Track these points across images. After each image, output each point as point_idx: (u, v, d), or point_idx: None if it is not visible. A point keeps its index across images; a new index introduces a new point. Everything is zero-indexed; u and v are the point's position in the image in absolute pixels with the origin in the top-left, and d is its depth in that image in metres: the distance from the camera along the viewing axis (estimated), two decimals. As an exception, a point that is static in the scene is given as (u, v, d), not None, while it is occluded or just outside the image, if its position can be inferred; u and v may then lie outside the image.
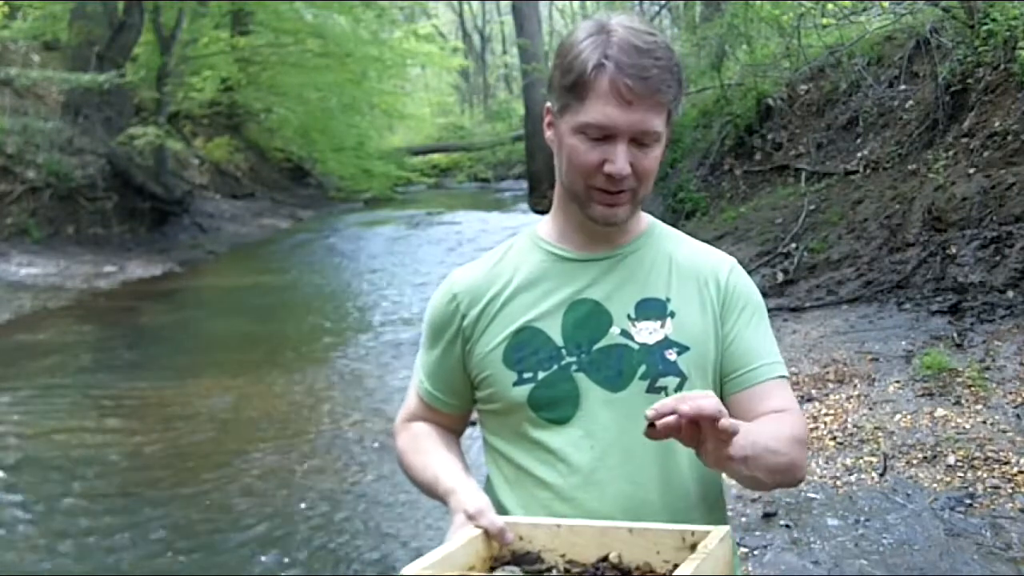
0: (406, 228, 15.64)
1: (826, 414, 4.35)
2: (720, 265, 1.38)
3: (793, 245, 6.98)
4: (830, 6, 8.90)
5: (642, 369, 1.29)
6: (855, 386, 4.58)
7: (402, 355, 7.20)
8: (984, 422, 4.02)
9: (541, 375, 1.30)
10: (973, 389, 4.31)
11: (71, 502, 4.51)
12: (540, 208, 15.11)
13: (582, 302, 1.33)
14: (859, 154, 7.90)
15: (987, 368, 4.48)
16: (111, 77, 12.04)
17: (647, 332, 1.31)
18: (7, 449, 5.25)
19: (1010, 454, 3.73)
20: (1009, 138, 6.10)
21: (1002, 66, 6.49)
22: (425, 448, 1.43)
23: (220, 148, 17.84)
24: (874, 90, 8.25)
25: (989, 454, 3.75)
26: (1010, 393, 4.23)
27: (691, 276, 1.35)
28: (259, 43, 17.37)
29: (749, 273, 1.43)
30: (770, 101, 9.46)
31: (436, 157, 27.66)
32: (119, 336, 8.41)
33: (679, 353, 1.30)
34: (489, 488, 1.38)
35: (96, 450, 5.23)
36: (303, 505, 4.40)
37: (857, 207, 7.00)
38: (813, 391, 4.60)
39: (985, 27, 6.44)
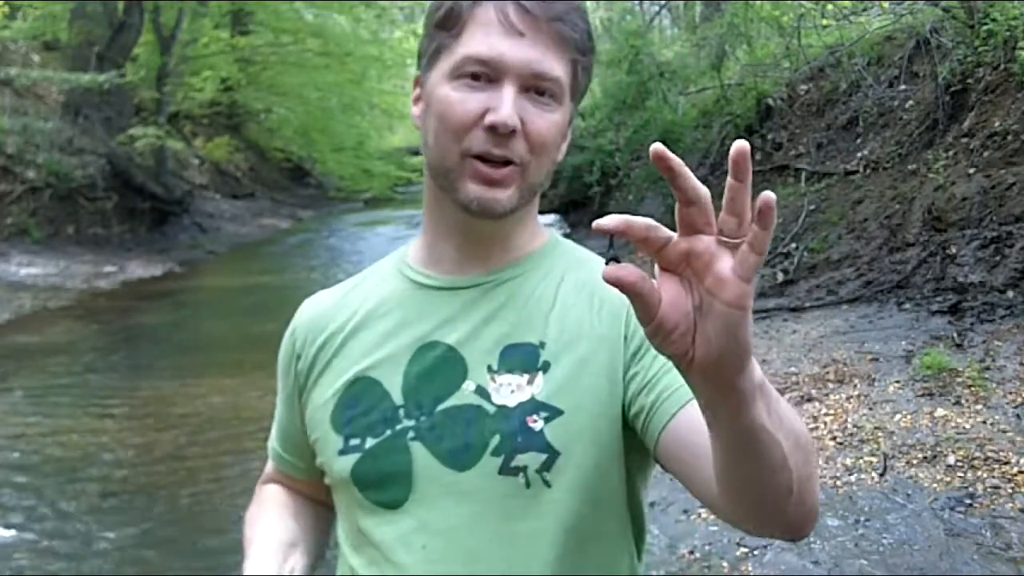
0: (406, 228, 15.64)
1: (826, 414, 4.35)
2: (622, 297, 0.93)
3: (793, 245, 6.98)
4: (830, 6, 8.90)
5: (495, 441, 0.94)
6: (855, 386, 4.58)
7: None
8: (984, 422, 4.02)
9: (370, 443, 0.99)
10: (973, 389, 4.31)
11: (71, 502, 4.51)
12: (540, 208, 15.07)
13: (431, 346, 1.00)
14: (859, 154, 7.90)
15: (987, 368, 4.48)
16: (111, 77, 12.04)
17: (508, 390, 0.96)
18: (7, 449, 5.25)
19: (1010, 454, 3.73)
20: (1009, 138, 6.10)
21: (1002, 66, 6.49)
22: (256, 518, 1.13)
23: (220, 148, 17.84)
24: (874, 90, 8.25)
25: (989, 454, 3.75)
26: (1010, 393, 4.23)
27: (582, 304, 1.00)
28: (259, 43, 17.36)
29: None
30: (770, 101, 9.46)
31: (436, 157, 27.61)
32: (119, 336, 8.40)
33: (547, 420, 0.94)
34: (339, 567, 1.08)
35: (96, 450, 5.23)
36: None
37: (857, 207, 7.00)
38: (813, 391, 4.60)
39: (985, 27, 6.44)
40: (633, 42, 11.76)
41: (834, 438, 4.10)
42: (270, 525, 1.09)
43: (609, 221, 0.62)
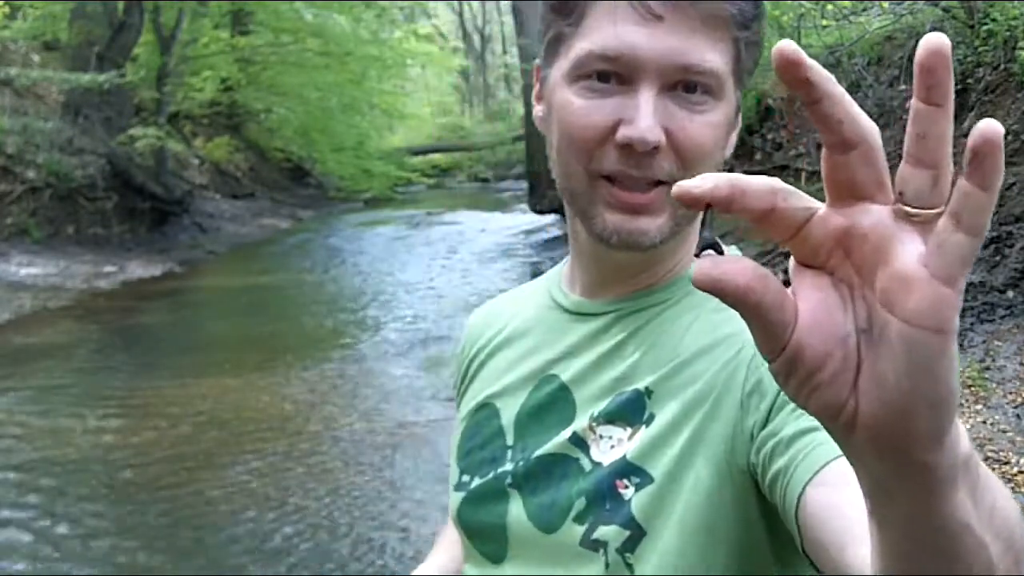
0: (406, 228, 15.63)
1: (826, 414, 4.34)
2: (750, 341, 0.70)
3: (793, 245, 6.98)
4: (830, 6, 8.90)
5: (579, 505, 0.78)
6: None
7: (402, 356, 7.21)
8: (984, 422, 4.02)
9: (475, 483, 0.88)
10: (973, 389, 4.30)
11: (71, 502, 4.51)
12: (540, 208, 15.10)
13: (549, 380, 0.86)
14: (859, 154, 7.90)
15: (987, 368, 4.48)
16: (111, 77, 12.03)
17: (608, 445, 0.79)
18: (7, 449, 5.25)
19: (1010, 454, 3.73)
20: (1009, 138, 6.10)
21: (1002, 66, 6.49)
22: (434, 549, 1.05)
23: (220, 148, 17.84)
24: (874, 90, 8.25)
25: (989, 454, 3.75)
26: (1010, 393, 4.23)
27: (706, 347, 0.78)
28: (259, 43, 17.36)
29: None
30: (770, 101, 9.46)
31: (436, 157, 27.65)
32: (119, 336, 8.40)
33: (638, 487, 0.76)
34: None
35: (96, 450, 5.23)
36: (303, 505, 4.40)
37: (857, 207, 7.01)
38: (813, 391, 4.59)
39: (985, 27, 6.45)
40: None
41: (834, 438, 4.10)
42: (433, 557, 1.02)
43: (701, 183, 0.38)
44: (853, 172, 0.38)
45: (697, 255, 0.40)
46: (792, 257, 0.41)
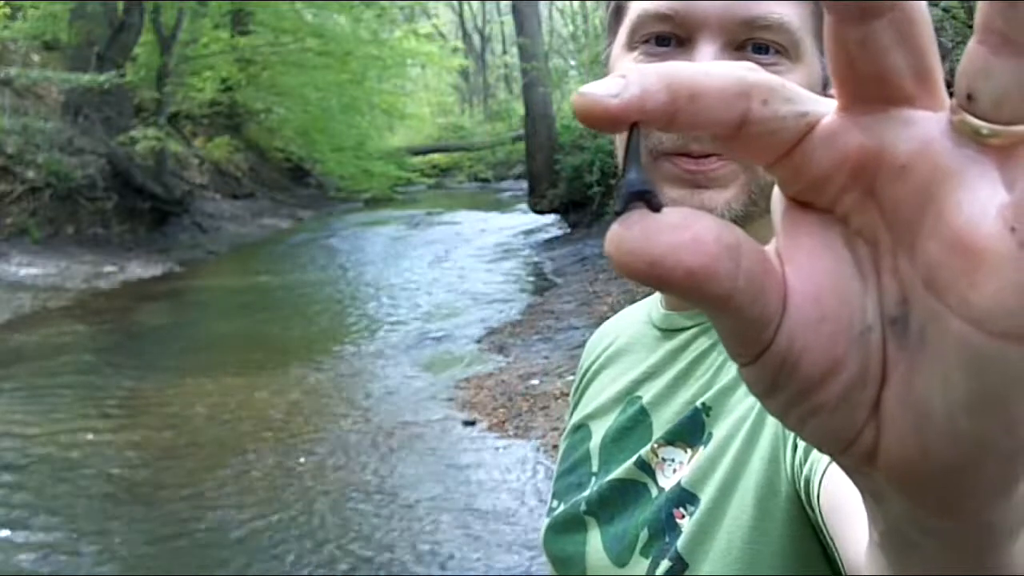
0: (406, 228, 15.64)
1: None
2: None
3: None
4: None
5: (643, 536, 0.73)
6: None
7: (402, 355, 7.21)
8: (984, 422, 4.02)
9: (560, 509, 0.83)
10: (973, 389, 4.31)
11: (71, 502, 4.51)
12: (540, 208, 15.10)
13: (633, 402, 0.81)
14: (859, 154, 7.90)
15: (987, 368, 4.48)
16: (111, 77, 12.03)
17: (671, 469, 0.73)
18: (7, 449, 5.25)
19: (1010, 454, 3.73)
20: (1009, 138, 6.11)
21: (1002, 66, 6.49)
22: None
23: (220, 148, 17.84)
24: (874, 90, 8.26)
25: (989, 454, 3.75)
26: (1010, 393, 4.23)
27: None
28: (259, 43, 17.37)
29: None
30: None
31: (436, 157, 27.66)
32: (119, 336, 8.41)
33: (692, 513, 0.69)
34: None
35: (96, 450, 5.23)
36: (302, 505, 4.40)
37: (857, 207, 7.01)
38: (813, 391, 4.60)
39: (985, 27, 6.45)
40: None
41: (834, 438, 4.10)
42: None
43: (619, 85, 0.22)
44: (881, 54, 0.22)
45: (618, 212, 0.23)
46: (778, 192, 0.26)
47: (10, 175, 11.92)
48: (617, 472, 0.77)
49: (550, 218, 13.58)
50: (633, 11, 0.70)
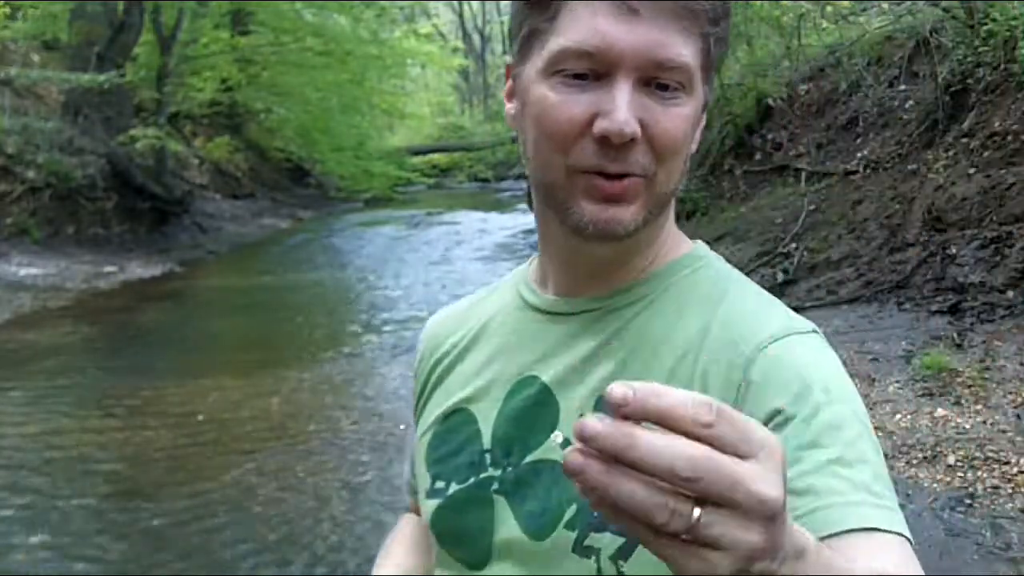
0: (406, 228, 15.63)
1: (826, 414, 4.34)
2: (745, 340, 0.76)
3: (793, 245, 6.98)
4: (830, 6, 8.90)
5: (570, 512, 0.78)
6: (855, 386, 4.58)
7: (402, 355, 7.20)
8: (984, 422, 4.02)
9: (453, 488, 0.86)
10: (973, 389, 4.31)
11: (71, 502, 4.51)
12: (540, 208, 15.08)
13: (528, 382, 0.85)
14: (859, 154, 7.90)
15: (987, 368, 4.48)
16: (111, 77, 12.04)
17: None
18: (7, 449, 5.25)
19: (1010, 454, 3.73)
20: (1009, 138, 6.10)
21: (1002, 66, 6.49)
22: (387, 551, 1.03)
23: (220, 148, 17.84)
24: (874, 90, 8.26)
25: (989, 454, 3.75)
26: (1010, 393, 4.23)
27: (688, 360, 0.78)
28: (259, 43, 17.37)
29: (747, 274, 0.86)
30: (770, 101, 9.46)
31: (436, 157, 27.66)
32: (119, 336, 8.41)
33: None
34: None
35: (96, 450, 5.23)
36: (302, 505, 4.40)
37: (857, 207, 7.01)
38: (813, 391, 4.59)
39: (985, 27, 6.45)
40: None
41: (834, 438, 4.10)
42: (394, 560, 1.00)
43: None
44: None
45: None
46: None
47: (10, 175, 11.92)
48: (536, 453, 0.81)
49: (550, 218, 13.58)
50: (555, 43, 0.75)
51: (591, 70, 0.74)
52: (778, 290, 6.42)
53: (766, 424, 0.70)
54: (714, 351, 0.77)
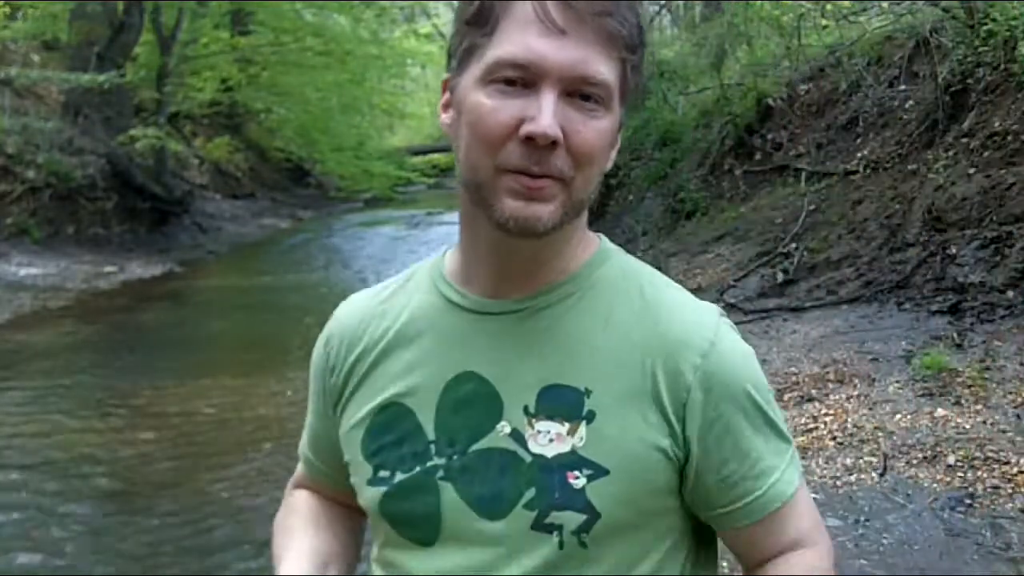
0: (406, 228, 15.64)
1: (826, 414, 4.35)
2: (690, 345, 0.89)
3: (793, 245, 6.98)
4: (830, 6, 8.90)
5: (530, 494, 0.88)
6: (855, 386, 4.58)
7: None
8: (984, 422, 4.02)
9: (399, 477, 0.93)
10: (973, 389, 4.31)
11: (71, 502, 4.51)
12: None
13: (467, 377, 0.92)
14: (859, 154, 7.90)
15: (987, 368, 4.48)
16: (111, 77, 12.04)
17: (547, 438, 0.88)
18: (7, 449, 5.25)
19: (1010, 454, 3.73)
20: (1009, 138, 6.10)
21: (1002, 66, 6.48)
22: (290, 528, 1.11)
23: (220, 148, 17.84)
24: (874, 90, 8.25)
25: (989, 454, 3.75)
26: (1010, 393, 4.23)
27: (633, 354, 0.90)
28: (259, 43, 17.36)
29: (748, 274, 0.96)
30: (770, 101, 9.46)
31: (436, 157, 27.64)
32: (119, 336, 8.41)
33: (590, 478, 0.87)
34: None
35: (96, 450, 5.23)
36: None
37: (857, 207, 7.00)
38: (813, 391, 4.60)
39: (985, 27, 6.44)
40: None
41: (834, 438, 4.10)
42: (302, 539, 1.05)
43: None
44: None
45: None
46: None
47: (10, 175, 11.92)
48: (482, 442, 0.90)
49: (550, 218, 13.58)
50: (491, 55, 0.84)
51: (521, 79, 0.83)
52: (778, 290, 6.42)
53: (709, 426, 0.89)
54: (655, 352, 0.89)
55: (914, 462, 3.79)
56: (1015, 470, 3.61)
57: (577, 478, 0.87)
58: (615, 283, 0.94)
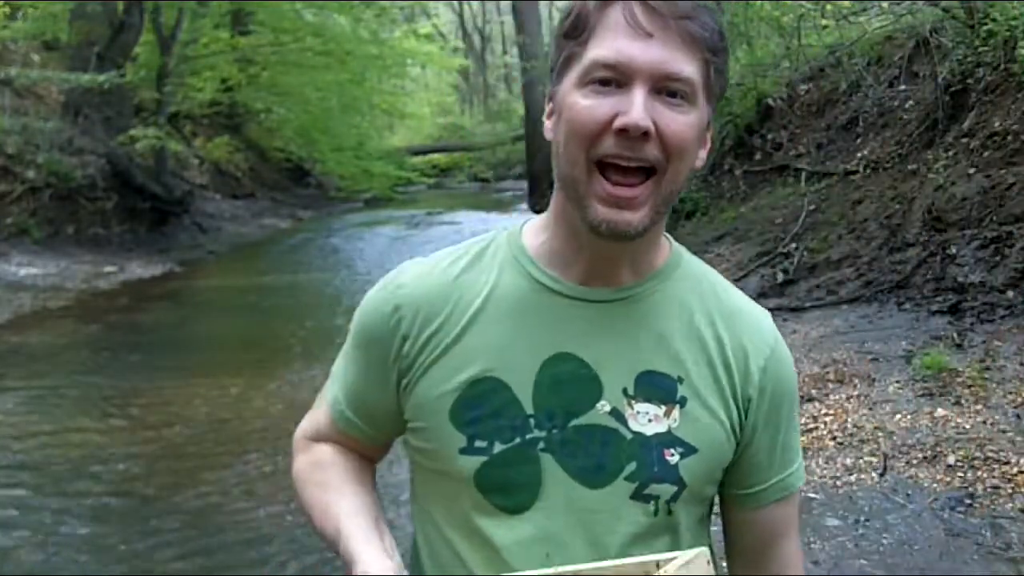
0: (406, 228, 15.64)
1: (826, 414, 4.35)
2: (758, 348, 1.04)
3: (793, 245, 6.98)
4: (830, 6, 8.90)
5: (631, 467, 0.98)
6: (855, 386, 4.58)
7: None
8: (984, 422, 4.02)
9: (498, 448, 0.98)
10: (973, 389, 4.31)
11: (71, 502, 4.51)
12: (540, 208, 15.06)
13: (565, 358, 0.99)
14: (859, 154, 7.90)
15: (987, 368, 4.48)
16: (111, 77, 12.03)
17: (646, 419, 0.98)
18: (7, 449, 5.25)
19: (1010, 454, 3.73)
20: (1009, 138, 6.10)
21: (1002, 66, 6.48)
22: (328, 483, 1.10)
23: (220, 148, 17.83)
24: (874, 90, 8.25)
25: (989, 454, 3.75)
26: (1010, 393, 4.23)
27: (713, 350, 1.02)
28: (259, 43, 17.36)
29: (748, 274, 1.11)
30: (770, 101, 9.46)
31: (436, 157, 27.66)
32: (119, 336, 8.40)
33: (683, 455, 0.99)
34: (416, 561, 1.09)
35: (96, 450, 5.23)
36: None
37: (857, 207, 7.00)
38: (813, 391, 4.60)
39: (985, 27, 6.44)
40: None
41: (834, 438, 4.10)
42: (352, 498, 1.07)
43: None
44: None
45: None
46: None
47: (10, 175, 11.92)
48: (583, 418, 0.98)
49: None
50: (587, 58, 0.93)
51: (614, 79, 0.92)
52: (778, 290, 6.42)
53: (764, 418, 1.04)
54: (729, 351, 1.02)
55: (914, 462, 3.79)
56: (1015, 470, 3.61)
57: (672, 455, 0.99)
58: (693, 283, 1.05)
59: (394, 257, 12.64)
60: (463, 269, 1.05)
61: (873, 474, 3.74)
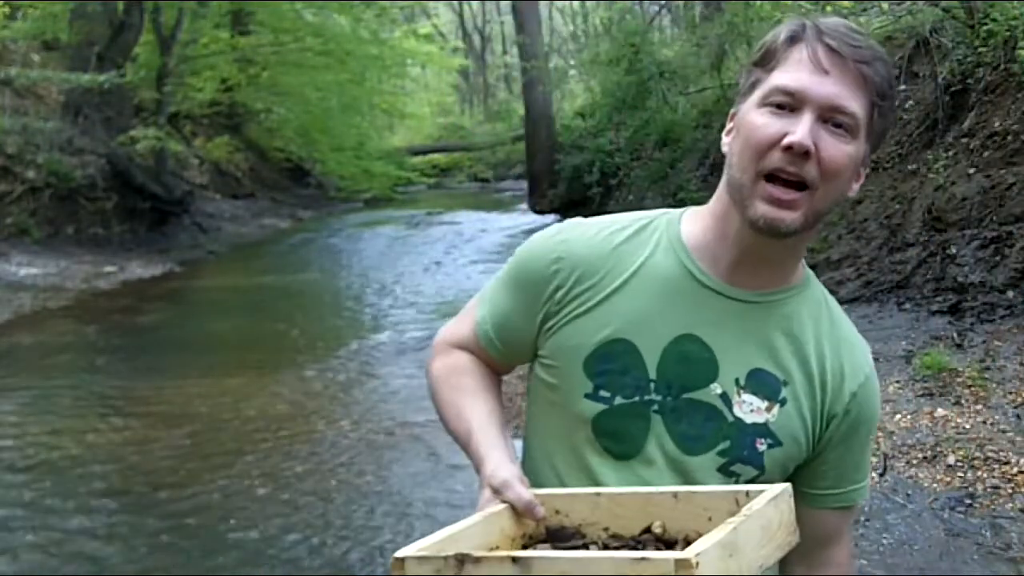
0: (406, 228, 15.63)
1: (826, 414, 4.34)
2: (854, 375, 1.17)
3: (793, 245, 6.97)
4: (829, 7, 8.89)
5: (724, 445, 1.12)
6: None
7: (402, 356, 7.21)
8: (984, 422, 4.02)
9: (618, 400, 1.13)
10: (973, 389, 4.31)
11: (71, 502, 4.51)
12: (540, 208, 15.07)
13: (692, 339, 1.13)
14: (859, 154, 7.89)
15: (987, 368, 4.48)
16: (111, 77, 12.03)
17: (749, 408, 1.12)
18: (7, 449, 5.25)
19: (1010, 454, 3.73)
20: (1009, 138, 6.10)
21: (1002, 66, 6.48)
22: (464, 388, 1.25)
23: (220, 148, 17.83)
24: (874, 90, 8.24)
25: (989, 454, 3.75)
26: (1010, 393, 4.23)
27: (816, 367, 1.15)
28: (259, 43, 17.35)
29: None
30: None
31: (436, 157, 27.63)
32: (119, 336, 8.41)
33: (769, 446, 1.13)
34: (528, 460, 1.24)
35: (96, 450, 5.23)
36: (302, 505, 4.40)
37: (857, 207, 7.00)
38: (813, 391, 4.59)
39: (985, 27, 6.44)
40: (633, 41, 11.76)
41: (834, 438, 4.10)
42: (486, 402, 1.22)
43: None
44: None
45: None
46: None
47: (10, 175, 11.92)
48: (695, 393, 1.12)
49: (550, 218, 13.58)
50: (769, 84, 1.07)
51: (788, 104, 1.05)
52: (778, 290, 6.41)
53: (843, 437, 1.18)
54: (830, 372, 1.15)
55: (914, 462, 3.79)
56: (1015, 470, 3.61)
57: (762, 444, 1.12)
58: (815, 306, 1.18)
59: (394, 257, 12.65)
60: (624, 240, 1.18)
61: (873, 474, 3.74)
